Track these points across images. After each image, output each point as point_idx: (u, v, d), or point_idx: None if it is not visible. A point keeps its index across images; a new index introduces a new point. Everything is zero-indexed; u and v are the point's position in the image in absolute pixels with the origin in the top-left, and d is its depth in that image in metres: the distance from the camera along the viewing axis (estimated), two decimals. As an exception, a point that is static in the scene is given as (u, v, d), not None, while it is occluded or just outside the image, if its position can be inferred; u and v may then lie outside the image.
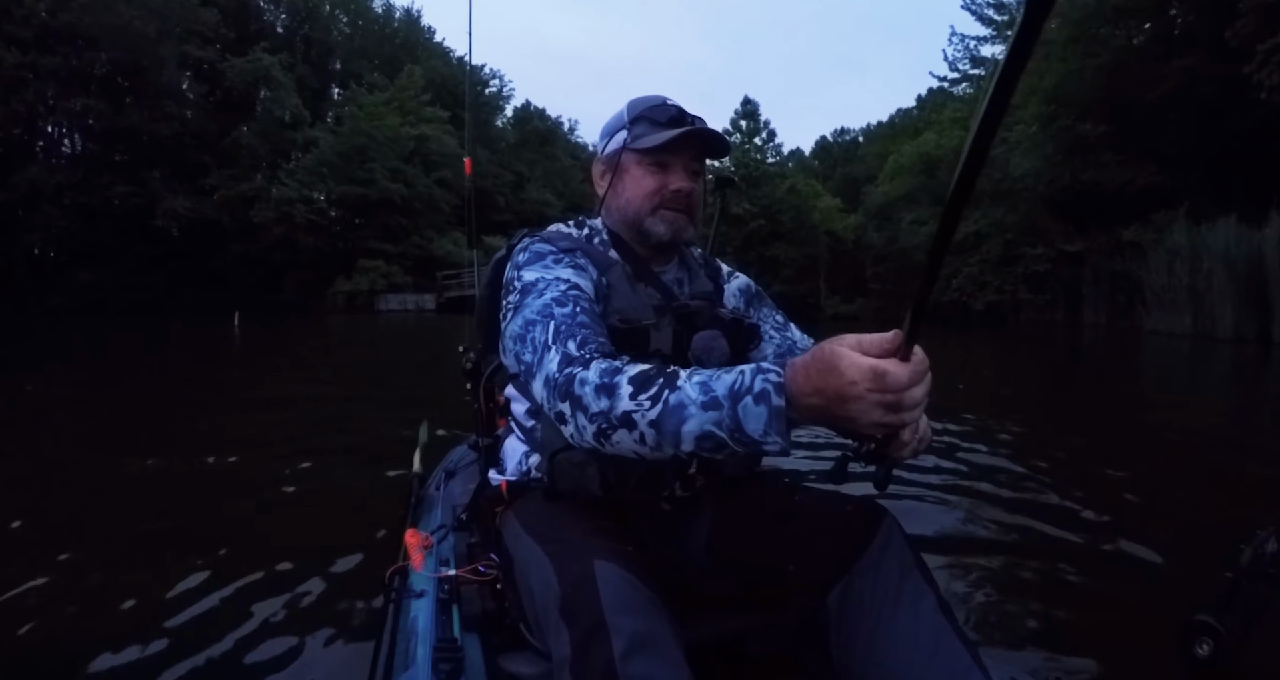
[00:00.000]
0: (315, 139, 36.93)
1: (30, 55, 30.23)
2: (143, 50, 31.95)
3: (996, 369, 12.18)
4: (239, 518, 3.21)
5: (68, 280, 31.07)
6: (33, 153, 33.61)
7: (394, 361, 11.90)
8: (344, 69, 45.28)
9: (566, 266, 1.24)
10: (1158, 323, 18.98)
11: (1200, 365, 12.77)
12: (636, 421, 0.93)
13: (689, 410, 0.89)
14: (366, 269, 35.38)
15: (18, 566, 2.61)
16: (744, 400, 0.86)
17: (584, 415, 0.99)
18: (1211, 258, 16.89)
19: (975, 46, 29.77)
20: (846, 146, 58.72)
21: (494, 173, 45.25)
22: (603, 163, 1.39)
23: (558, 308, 1.13)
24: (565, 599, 0.95)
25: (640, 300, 1.29)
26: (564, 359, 1.05)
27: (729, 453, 0.89)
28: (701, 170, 1.36)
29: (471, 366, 1.63)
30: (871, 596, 1.04)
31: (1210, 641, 0.71)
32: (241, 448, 4.67)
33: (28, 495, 3.63)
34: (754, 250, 33.25)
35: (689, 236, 1.37)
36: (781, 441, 0.85)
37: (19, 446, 4.88)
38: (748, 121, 34.73)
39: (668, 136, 1.26)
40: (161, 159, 34.17)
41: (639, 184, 1.31)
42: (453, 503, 1.90)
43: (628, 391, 0.95)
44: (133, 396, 7.39)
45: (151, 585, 2.41)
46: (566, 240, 1.31)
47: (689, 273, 1.44)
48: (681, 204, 1.31)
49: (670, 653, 0.90)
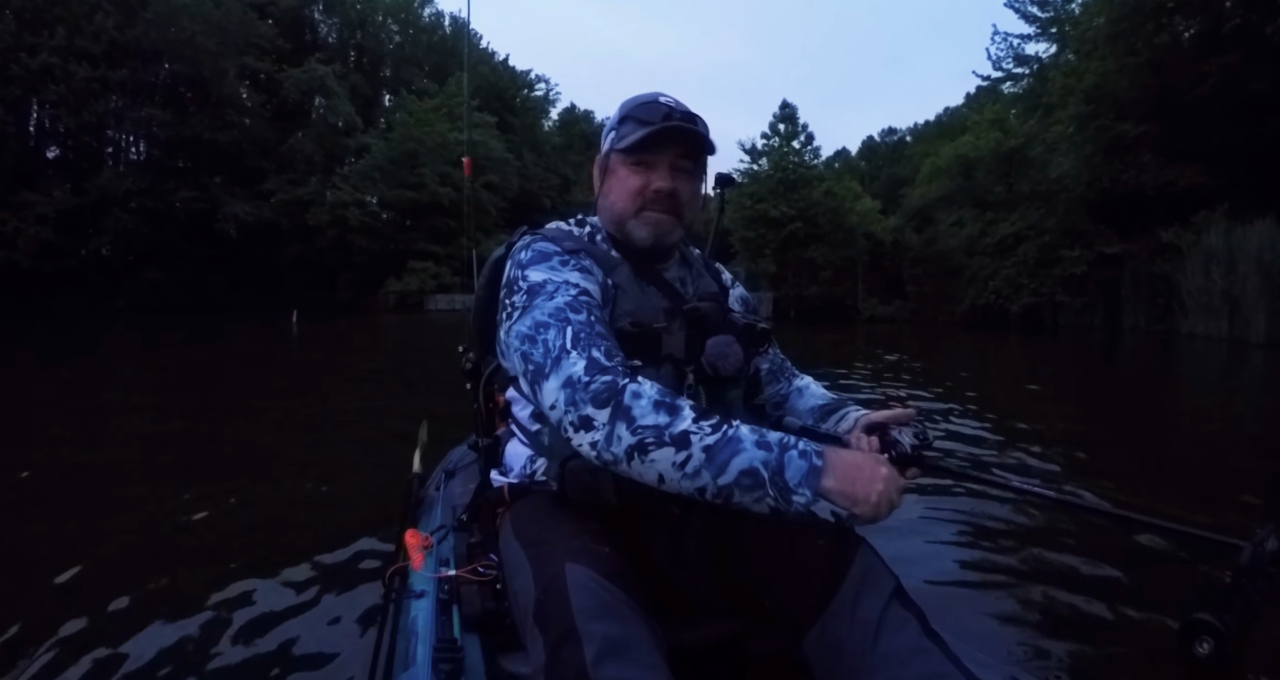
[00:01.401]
0: (368, 145, 38.26)
1: (100, 69, 32.01)
2: (205, 63, 33.61)
3: (1022, 372, 12.27)
4: (239, 517, 3.27)
5: (137, 280, 32.72)
6: (103, 160, 35.42)
7: (432, 357, 12.09)
8: (394, 75, 46.60)
9: (574, 269, 1.22)
10: (1194, 326, 18.84)
11: (1225, 371, 12.74)
12: (692, 442, 0.96)
13: (744, 444, 0.95)
14: (416, 270, 36.47)
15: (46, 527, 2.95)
16: (790, 451, 0.95)
17: (626, 425, 0.99)
18: (1246, 260, 16.78)
19: (1020, 45, 29.40)
20: (893, 147, 58.20)
21: (540, 176, 46.16)
22: (598, 163, 1.38)
23: (572, 313, 1.12)
24: (538, 604, 0.97)
25: (650, 302, 1.28)
26: (592, 365, 1.04)
27: (758, 497, 0.94)
28: (694, 169, 1.32)
29: (471, 366, 1.61)
30: (850, 635, 1.02)
31: (1210, 640, 0.71)
32: (265, 439, 5.00)
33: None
34: (791, 252, 33.33)
35: (675, 239, 1.34)
36: (809, 495, 0.93)
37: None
38: (786, 124, 34.76)
39: (641, 134, 1.24)
40: (223, 165, 35.82)
41: (623, 184, 1.29)
42: (452, 503, 1.91)
43: (690, 415, 0.99)
44: (192, 387, 8.06)
45: (151, 583, 2.47)
46: (570, 240, 1.29)
47: (690, 271, 1.43)
48: (664, 205, 1.28)
49: (644, 655, 0.90)
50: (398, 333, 20.93)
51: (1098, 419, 6.69)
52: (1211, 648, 0.70)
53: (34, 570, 2.65)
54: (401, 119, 38.79)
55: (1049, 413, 6.90)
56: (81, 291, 30.82)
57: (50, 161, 34.88)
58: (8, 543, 3.03)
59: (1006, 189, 28.32)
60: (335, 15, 44.65)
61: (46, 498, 3.69)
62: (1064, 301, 25.22)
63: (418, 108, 39.06)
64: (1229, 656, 0.70)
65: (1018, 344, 19.00)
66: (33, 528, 3.23)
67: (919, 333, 23.61)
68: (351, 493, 3.72)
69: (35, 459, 4.45)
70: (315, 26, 43.88)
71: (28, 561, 2.81)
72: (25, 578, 2.61)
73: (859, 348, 16.45)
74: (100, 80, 32.23)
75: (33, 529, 3.21)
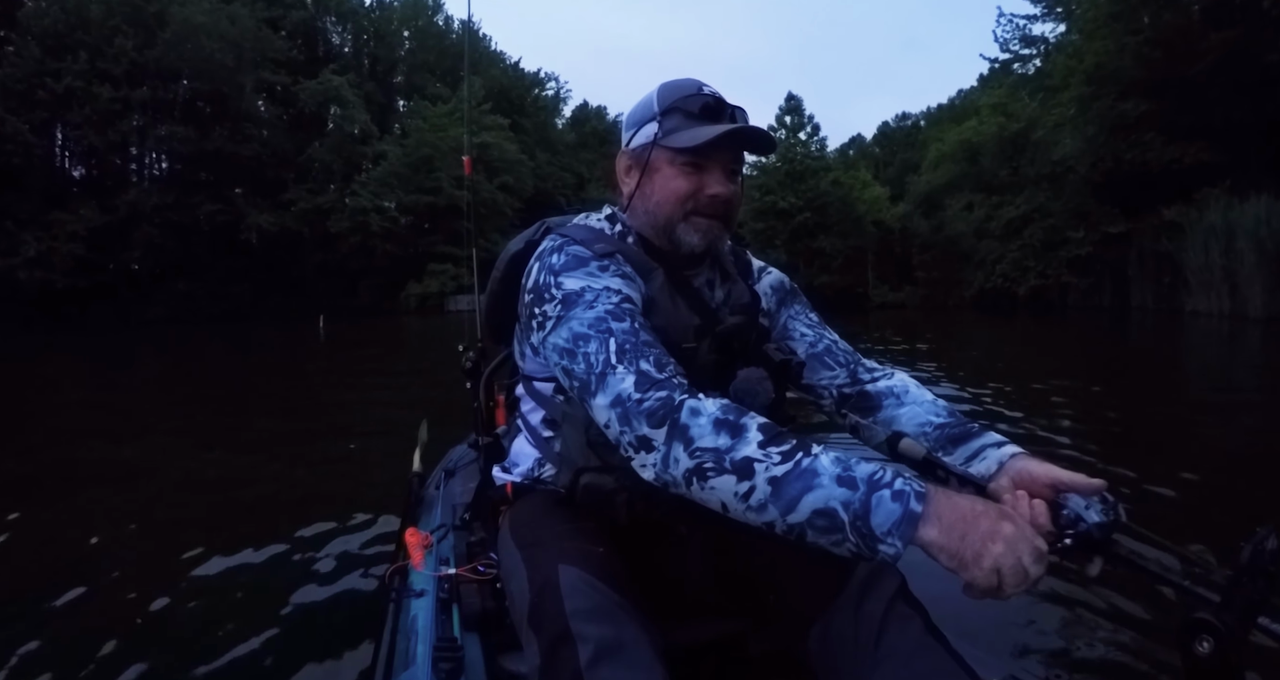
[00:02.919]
0: (384, 152, 39.02)
1: (122, 89, 33.03)
2: (223, 79, 34.60)
3: (1028, 358, 12.33)
4: (242, 514, 3.34)
5: (166, 292, 33.80)
6: (127, 178, 36.45)
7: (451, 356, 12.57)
8: (407, 82, 47.24)
9: (614, 275, 1.12)
10: (1198, 303, 18.96)
11: (1222, 348, 12.73)
12: (755, 472, 0.86)
13: (821, 480, 0.84)
14: (436, 272, 37.13)
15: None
16: (881, 491, 0.81)
17: (684, 447, 0.90)
18: (1244, 237, 16.91)
19: (1026, 26, 29.14)
20: (908, 132, 57.78)
21: (555, 175, 46.63)
22: (629, 157, 1.25)
23: (615, 322, 1.03)
24: (533, 607, 0.95)
25: (681, 318, 1.18)
26: (643, 380, 0.96)
27: (835, 541, 0.83)
28: (740, 170, 1.24)
29: (471, 365, 1.58)
30: (853, 632, 1.00)
31: (1210, 639, 0.69)
32: (277, 437, 5.14)
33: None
34: (801, 242, 33.85)
35: (724, 244, 1.28)
36: (900, 546, 0.80)
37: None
38: (792, 116, 35.31)
39: (707, 136, 1.13)
40: (244, 177, 36.70)
41: (671, 186, 1.18)
42: (453, 502, 1.90)
43: (756, 438, 0.88)
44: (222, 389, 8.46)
45: (150, 581, 2.49)
46: (602, 242, 1.18)
47: (720, 273, 1.33)
48: (719, 210, 1.19)
49: (640, 656, 0.89)
50: (419, 334, 21.47)
51: (1096, 410, 6.44)
52: (1211, 647, 0.69)
53: (34, 560, 2.72)
54: (416, 125, 39.45)
55: (1037, 398, 6.80)
56: (113, 305, 31.89)
57: (76, 181, 35.97)
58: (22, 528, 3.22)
59: (1012, 172, 28.43)
60: (348, 24, 45.48)
61: (68, 497, 3.83)
62: (1071, 282, 25.35)
63: (431, 113, 39.69)
64: (1229, 655, 0.69)
65: (1026, 326, 19.12)
66: (43, 519, 3.39)
67: (930, 318, 23.82)
68: (352, 491, 3.69)
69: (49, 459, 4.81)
70: (328, 37, 44.74)
71: (38, 549, 2.95)
72: (34, 567, 2.68)
73: (871, 333, 16.50)
74: (122, 100, 33.20)
75: (38, 517, 3.37)
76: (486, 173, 39.43)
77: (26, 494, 3.94)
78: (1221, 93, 20.57)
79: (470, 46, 49.74)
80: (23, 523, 3.34)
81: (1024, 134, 27.79)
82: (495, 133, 40.48)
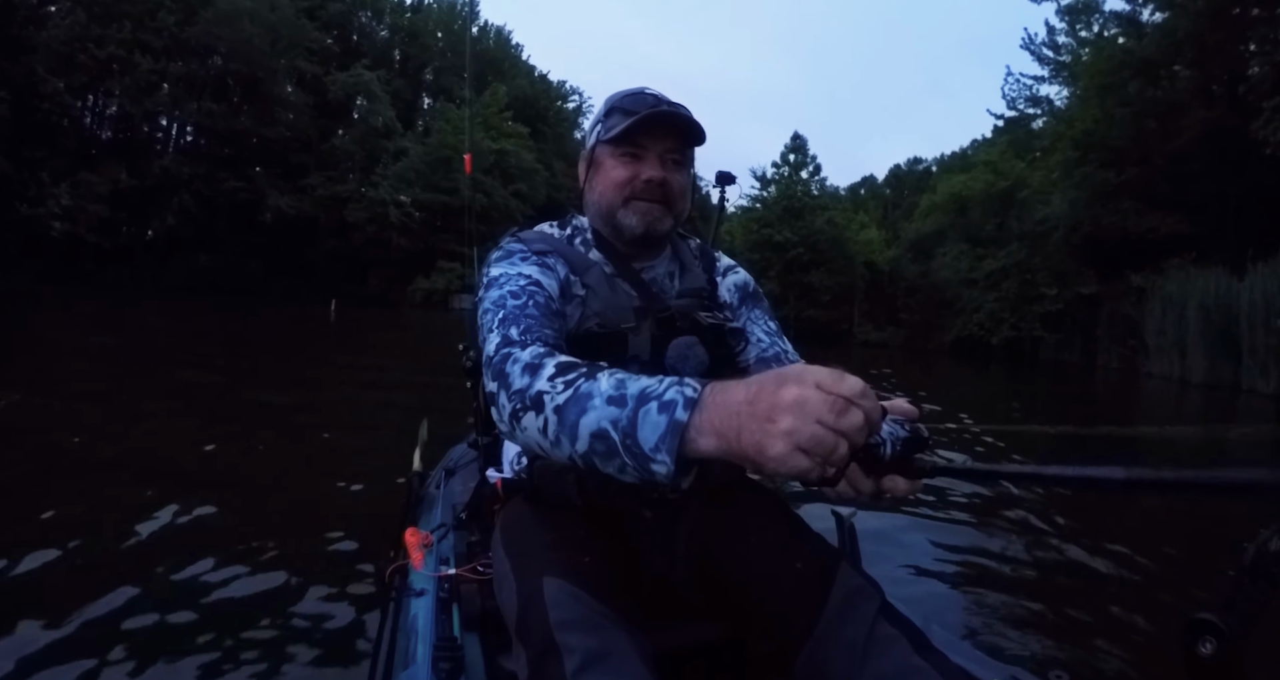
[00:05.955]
0: (405, 148, 40.11)
1: (161, 62, 34.25)
2: (258, 62, 35.84)
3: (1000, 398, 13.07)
4: (242, 514, 3.21)
5: (186, 262, 34.69)
6: (153, 146, 37.45)
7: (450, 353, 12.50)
8: (436, 81, 48.40)
9: (532, 265, 1.19)
10: (1154, 366, 19.72)
11: (1167, 408, 13.13)
12: (545, 404, 0.85)
13: (594, 401, 0.80)
14: (444, 270, 38.03)
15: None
16: (649, 404, 0.75)
17: (506, 393, 0.93)
18: (1193, 306, 17.82)
19: (1034, 86, 29.43)
20: (919, 177, 58.83)
21: (569, 185, 47.62)
22: (583, 159, 1.34)
23: (511, 299, 1.09)
24: (519, 618, 0.95)
25: (620, 301, 1.22)
26: (503, 341, 1.01)
27: (618, 467, 0.78)
28: (684, 160, 1.27)
29: (471, 365, 1.60)
30: (837, 660, 0.95)
31: (1213, 640, 0.66)
32: (278, 432, 5.03)
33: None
34: (793, 276, 34.93)
35: (665, 228, 1.27)
36: (669, 463, 0.73)
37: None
38: (795, 155, 36.93)
39: (630, 121, 1.19)
40: (268, 159, 37.89)
41: (611, 176, 1.24)
42: (452, 501, 1.90)
43: (549, 372, 0.89)
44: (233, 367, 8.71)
45: (149, 579, 2.41)
46: (543, 241, 1.26)
47: (681, 266, 1.37)
48: (655, 194, 1.23)
49: (627, 665, 0.87)
50: (424, 329, 22.02)
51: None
52: (1214, 648, 0.66)
53: (29, 548, 2.58)
54: (439, 126, 40.33)
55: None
56: (129, 268, 32.81)
57: (104, 143, 36.73)
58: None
59: (997, 227, 29.39)
60: (384, 20, 46.67)
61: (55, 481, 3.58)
62: (1042, 337, 26.27)
63: (454, 115, 40.53)
64: (1232, 657, 0.66)
65: (995, 374, 19.89)
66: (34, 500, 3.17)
67: (908, 359, 24.49)
68: (352, 490, 3.66)
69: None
70: (363, 30, 45.88)
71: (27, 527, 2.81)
72: (23, 552, 2.54)
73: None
74: (159, 72, 34.34)
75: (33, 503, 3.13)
76: (501, 179, 40.40)
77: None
78: (1203, 166, 21.36)
79: (499, 55, 51.00)
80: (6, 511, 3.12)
81: (1010, 192, 28.71)
82: (514, 141, 41.54)
